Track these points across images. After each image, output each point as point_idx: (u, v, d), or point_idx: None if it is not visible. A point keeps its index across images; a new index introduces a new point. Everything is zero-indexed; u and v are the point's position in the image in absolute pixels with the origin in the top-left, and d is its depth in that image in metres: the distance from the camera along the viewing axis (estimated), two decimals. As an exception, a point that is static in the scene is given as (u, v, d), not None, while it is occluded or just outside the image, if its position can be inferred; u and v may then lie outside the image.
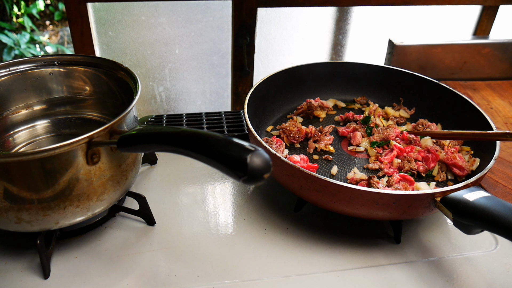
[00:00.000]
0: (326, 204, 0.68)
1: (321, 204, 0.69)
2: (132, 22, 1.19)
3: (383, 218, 0.67)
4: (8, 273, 0.64)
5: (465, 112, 0.87)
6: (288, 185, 0.71)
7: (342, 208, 0.67)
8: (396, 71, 0.98)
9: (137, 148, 0.57)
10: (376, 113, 0.93)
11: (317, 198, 0.68)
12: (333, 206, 0.67)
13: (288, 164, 0.66)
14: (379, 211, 0.64)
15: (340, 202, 0.65)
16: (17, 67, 0.76)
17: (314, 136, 0.85)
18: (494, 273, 0.67)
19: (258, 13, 1.18)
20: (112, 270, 0.65)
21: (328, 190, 0.64)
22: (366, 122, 0.91)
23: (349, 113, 0.94)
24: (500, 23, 1.39)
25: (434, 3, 1.25)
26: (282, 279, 0.64)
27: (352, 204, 0.64)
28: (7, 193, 0.57)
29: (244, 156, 0.45)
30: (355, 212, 0.66)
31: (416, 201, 0.63)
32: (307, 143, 0.85)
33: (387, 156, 0.80)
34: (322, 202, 0.68)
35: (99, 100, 0.82)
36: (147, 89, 1.32)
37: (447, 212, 0.61)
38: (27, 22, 2.94)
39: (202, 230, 0.72)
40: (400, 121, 0.94)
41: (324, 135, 0.86)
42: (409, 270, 0.66)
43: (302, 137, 0.86)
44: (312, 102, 0.94)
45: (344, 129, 0.89)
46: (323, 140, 0.85)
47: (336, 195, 0.64)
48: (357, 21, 1.35)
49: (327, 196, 0.65)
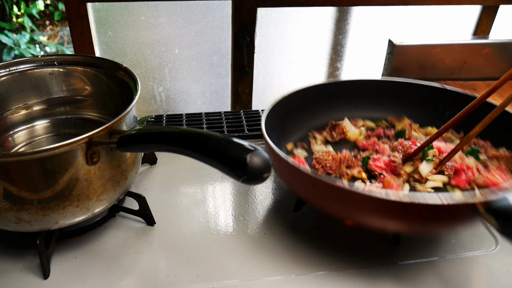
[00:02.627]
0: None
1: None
2: (132, 22, 1.19)
3: (417, 231, 0.63)
4: (8, 273, 0.64)
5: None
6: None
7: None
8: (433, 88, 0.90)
9: (137, 148, 0.57)
10: (412, 128, 0.85)
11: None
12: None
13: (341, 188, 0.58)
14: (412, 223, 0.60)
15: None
16: (16, 67, 0.76)
17: (348, 162, 0.77)
18: (494, 273, 0.67)
19: (258, 13, 1.18)
20: (112, 270, 0.65)
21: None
22: (400, 135, 0.82)
23: (379, 129, 0.87)
24: (500, 23, 1.39)
25: (434, 3, 1.25)
26: (282, 279, 0.64)
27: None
28: (7, 193, 0.57)
29: (243, 156, 0.45)
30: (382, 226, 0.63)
31: (455, 210, 0.56)
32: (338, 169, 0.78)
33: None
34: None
35: (99, 100, 0.82)
36: (147, 89, 1.32)
37: (493, 221, 0.54)
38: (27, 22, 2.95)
39: (202, 230, 0.72)
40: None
41: (358, 161, 0.78)
42: (409, 270, 0.66)
43: (338, 166, 0.77)
44: (338, 124, 0.86)
45: (365, 142, 0.83)
46: (356, 166, 0.77)
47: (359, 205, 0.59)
48: (357, 21, 1.35)
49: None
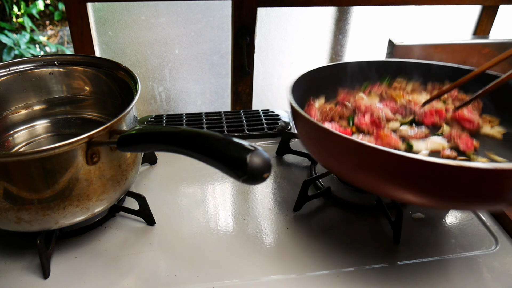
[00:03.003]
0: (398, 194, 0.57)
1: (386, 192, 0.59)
2: (132, 22, 1.19)
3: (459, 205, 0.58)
4: (8, 273, 0.64)
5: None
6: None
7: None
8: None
9: (137, 148, 0.57)
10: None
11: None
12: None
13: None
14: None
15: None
16: (17, 67, 0.76)
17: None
18: (494, 273, 0.67)
19: (258, 13, 1.18)
20: (112, 270, 0.65)
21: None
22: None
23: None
24: (500, 23, 1.39)
25: (434, 3, 1.25)
26: (282, 279, 0.64)
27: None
28: (7, 193, 0.57)
29: (243, 156, 0.45)
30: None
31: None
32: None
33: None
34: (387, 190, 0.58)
35: (99, 100, 0.82)
36: (147, 89, 1.32)
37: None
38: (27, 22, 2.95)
39: (202, 230, 0.72)
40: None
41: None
42: (409, 270, 0.66)
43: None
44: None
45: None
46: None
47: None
48: (357, 21, 1.35)
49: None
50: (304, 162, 0.90)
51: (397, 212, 0.69)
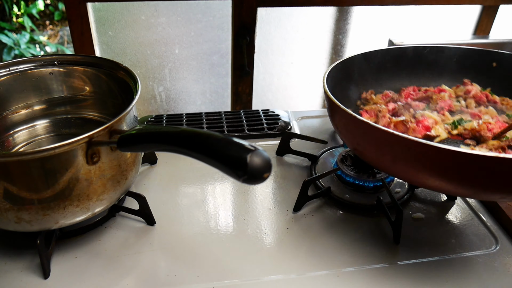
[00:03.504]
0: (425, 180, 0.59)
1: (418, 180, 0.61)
2: (132, 22, 1.19)
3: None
4: (8, 273, 0.64)
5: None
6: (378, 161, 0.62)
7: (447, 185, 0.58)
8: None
9: (137, 148, 0.57)
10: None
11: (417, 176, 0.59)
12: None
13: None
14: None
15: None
16: (17, 67, 0.76)
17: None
18: (494, 273, 0.67)
19: (258, 13, 1.18)
20: (112, 270, 0.65)
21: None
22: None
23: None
24: (500, 23, 1.39)
25: (434, 3, 1.25)
26: (282, 279, 0.64)
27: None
28: (7, 193, 0.57)
29: (244, 156, 0.45)
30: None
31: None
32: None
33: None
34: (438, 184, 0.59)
35: (99, 100, 0.82)
36: (147, 89, 1.32)
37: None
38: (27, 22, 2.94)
39: (202, 230, 0.72)
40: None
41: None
42: (409, 270, 0.66)
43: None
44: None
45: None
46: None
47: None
48: (357, 21, 1.35)
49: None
50: (304, 162, 0.90)
51: (397, 212, 0.69)
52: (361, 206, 0.77)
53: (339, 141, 0.96)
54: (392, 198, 0.73)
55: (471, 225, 0.75)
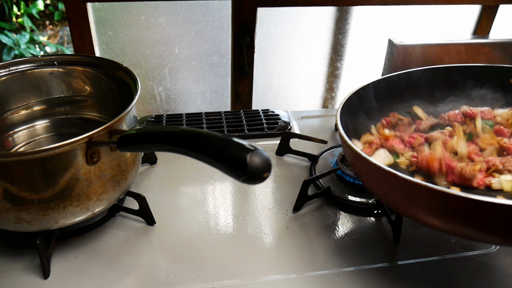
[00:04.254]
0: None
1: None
2: (132, 22, 1.19)
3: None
4: (8, 273, 0.64)
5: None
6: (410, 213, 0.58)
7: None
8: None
9: (137, 148, 0.57)
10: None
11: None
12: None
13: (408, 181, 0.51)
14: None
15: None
16: (16, 67, 0.76)
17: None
18: (494, 273, 0.67)
19: (258, 13, 1.18)
20: (112, 270, 0.65)
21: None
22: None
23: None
24: (500, 23, 1.39)
25: (434, 3, 1.25)
26: (282, 279, 0.64)
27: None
28: (7, 193, 0.57)
29: (243, 156, 0.45)
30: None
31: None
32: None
33: None
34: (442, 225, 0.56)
35: (99, 100, 0.82)
36: (147, 89, 1.32)
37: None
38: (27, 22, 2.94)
39: (202, 230, 0.72)
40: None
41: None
42: (409, 270, 0.66)
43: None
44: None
45: None
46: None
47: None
48: (357, 21, 1.35)
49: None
50: (304, 162, 0.90)
51: (397, 212, 0.69)
52: (361, 206, 0.77)
53: (339, 141, 0.97)
54: (392, 198, 0.73)
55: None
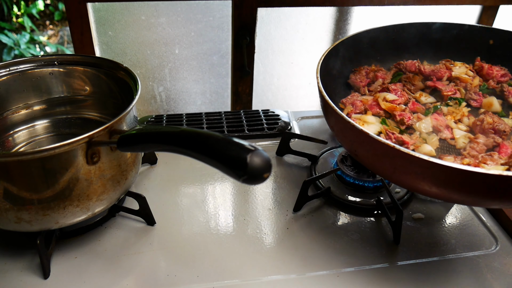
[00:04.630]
0: (426, 190, 0.58)
1: (419, 189, 0.59)
2: (132, 22, 1.19)
3: (496, 206, 0.59)
4: (8, 273, 0.64)
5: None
6: (377, 168, 0.62)
7: (448, 195, 0.57)
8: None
9: (137, 148, 0.57)
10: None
11: (415, 183, 0.58)
12: (435, 192, 0.57)
13: (379, 142, 0.55)
14: (497, 199, 0.55)
15: (448, 187, 0.55)
16: (17, 67, 0.76)
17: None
18: (494, 273, 0.67)
19: (258, 13, 1.18)
20: (112, 270, 0.65)
21: (433, 174, 0.54)
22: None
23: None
24: (500, 23, 1.39)
25: (434, 3, 1.25)
26: (282, 279, 0.64)
27: (464, 190, 0.54)
28: (7, 193, 0.57)
29: (244, 156, 0.45)
30: (464, 199, 0.58)
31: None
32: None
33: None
34: (421, 187, 0.58)
35: (99, 100, 0.82)
36: (147, 89, 1.32)
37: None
38: (27, 22, 2.94)
39: (202, 230, 0.72)
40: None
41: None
42: (409, 270, 0.66)
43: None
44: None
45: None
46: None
47: (444, 179, 0.54)
48: (357, 21, 1.35)
49: (430, 181, 0.55)
50: (304, 162, 0.90)
51: (397, 212, 0.69)
52: (361, 206, 0.77)
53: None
54: (392, 198, 0.73)
55: (471, 225, 0.75)
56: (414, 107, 0.75)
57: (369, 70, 0.83)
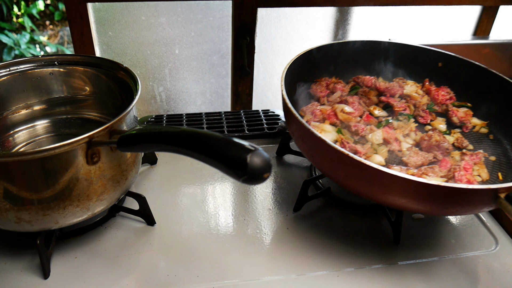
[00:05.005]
0: (374, 196, 0.63)
1: (368, 195, 0.64)
2: (132, 22, 1.19)
3: (434, 213, 0.63)
4: (8, 273, 0.64)
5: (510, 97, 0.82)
6: (331, 173, 0.66)
7: (392, 201, 0.61)
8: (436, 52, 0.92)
9: (137, 148, 0.57)
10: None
11: (364, 189, 0.62)
12: (382, 198, 0.62)
13: (335, 150, 0.59)
14: (433, 206, 0.60)
15: (391, 194, 0.59)
16: (17, 67, 0.76)
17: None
18: (494, 273, 0.67)
19: (258, 13, 1.18)
20: (112, 270, 0.65)
21: (380, 181, 0.58)
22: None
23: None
24: (500, 23, 1.39)
25: (434, 3, 1.25)
26: (282, 279, 0.64)
27: (404, 197, 0.59)
28: (7, 193, 0.57)
29: (244, 156, 0.45)
30: (406, 205, 0.61)
31: (478, 196, 0.57)
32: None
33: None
34: (370, 193, 0.62)
35: (99, 100, 0.82)
36: (147, 89, 1.32)
37: (509, 208, 0.55)
38: (27, 22, 2.94)
39: (202, 230, 0.72)
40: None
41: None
42: (409, 270, 0.66)
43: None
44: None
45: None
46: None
47: (388, 186, 0.58)
48: (357, 21, 1.35)
49: (377, 187, 0.60)
50: (304, 163, 0.90)
51: (397, 212, 0.70)
52: (361, 206, 0.77)
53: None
54: (392, 198, 0.73)
55: (471, 225, 0.75)
56: (368, 120, 0.80)
57: (329, 82, 0.89)
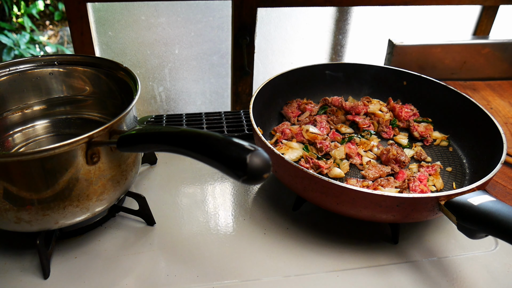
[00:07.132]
0: (329, 206, 0.68)
1: (325, 205, 0.69)
2: (132, 22, 1.19)
3: (387, 220, 0.66)
4: (7, 273, 0.64)
5: (467, 111, 0.88)
6: (292, 186, 0.71)
7: (345, 210, 0.67)
8: (393, 71, 0.99)
9: (137, 148, 0.57)
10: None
11: (320, 200, 0.68)
12: (336, 208, 0.67)
13: (292, 165, 0.66)
14: (382, 214, 0.64)
15: (343, 204, 0.65)
16: (16, 67, 0.76)
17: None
18: (494, 273, 0.67)
19: (258, 13, 1.18)
20: (112, 270, 0.65)
21: (332, 192, 0.64)
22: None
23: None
24: (500, 23, 1.39)
25: (434, 3, 1.25)
26: (282, 279, 0.64)
27: (355, 206, 0.64)
28: (7, 193, 0.57)
29: (243, 156, 0.45)
30: (358, 214, 0.66)
31: (420, 204, 0.62)
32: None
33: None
34: (325, 203, 0.68)
35: (99, 100, 0.82)
36: (147, 89, 1.32)
37: (451, 216, 0.60)
38: (27, 22, 2.94)
39: (202, 230, 0.72)
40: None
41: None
42: (409, 270, 0.66)
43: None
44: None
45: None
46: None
47: (339, 196, 0.64)
48: (357, 21, 1.35)
49: (331, 198, 0.65)
50: (304, 162, 0.90)
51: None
52: (361, 206, 0.77)
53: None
54: (392, 198, 0.73)
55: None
56: (334, 137, 0.87)
57: (301, 102, 0.96)
